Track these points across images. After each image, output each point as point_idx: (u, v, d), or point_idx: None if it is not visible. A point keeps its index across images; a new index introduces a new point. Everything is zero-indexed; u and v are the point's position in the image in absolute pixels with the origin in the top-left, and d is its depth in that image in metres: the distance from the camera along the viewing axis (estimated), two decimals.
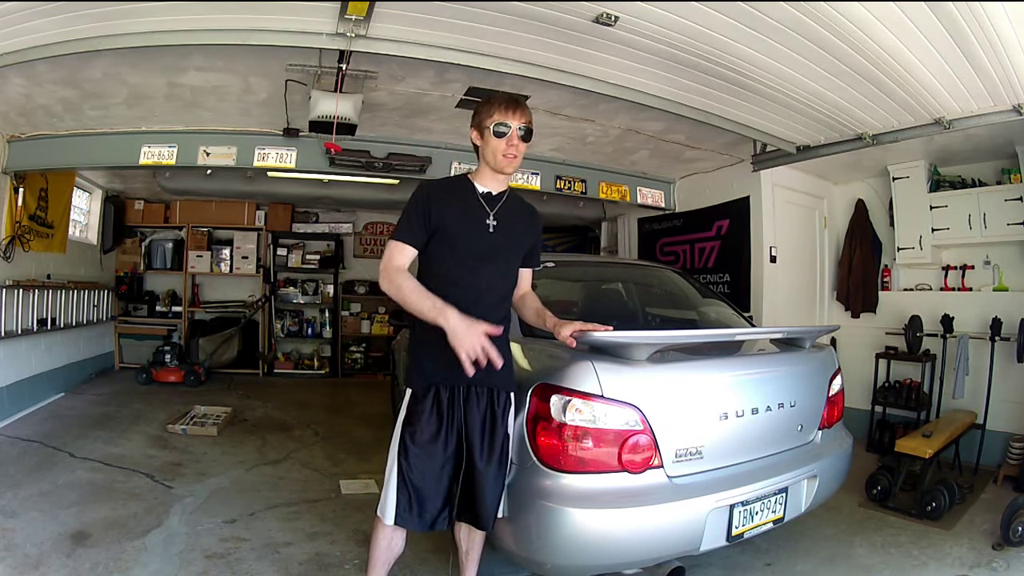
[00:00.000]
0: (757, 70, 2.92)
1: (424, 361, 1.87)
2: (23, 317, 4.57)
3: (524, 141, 1.85)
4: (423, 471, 1.81)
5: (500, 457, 1.86)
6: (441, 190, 1.91)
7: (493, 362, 1.65)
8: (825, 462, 2.32)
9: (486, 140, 1.85)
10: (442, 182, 2.00)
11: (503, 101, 1.85)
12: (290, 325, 7.27)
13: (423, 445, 1.81)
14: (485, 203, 1.89)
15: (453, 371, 1.76)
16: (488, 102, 1.88)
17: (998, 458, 3.67)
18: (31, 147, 4.25)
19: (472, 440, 1.83)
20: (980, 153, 3.99)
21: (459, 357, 1.63)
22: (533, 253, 2.05)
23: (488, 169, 1.90)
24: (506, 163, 1.85)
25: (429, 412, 1.83)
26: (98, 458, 3.62)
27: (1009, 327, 3.74)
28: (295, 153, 4.28)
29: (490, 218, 1.88)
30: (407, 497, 1.81)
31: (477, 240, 1.86)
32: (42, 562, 2.34)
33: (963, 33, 2.38)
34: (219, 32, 2.68)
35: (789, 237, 4.66)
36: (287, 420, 4.89)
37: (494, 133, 1.82)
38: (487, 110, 1.85)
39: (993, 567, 2.49)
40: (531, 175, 4.84)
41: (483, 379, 1.80)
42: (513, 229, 1.93)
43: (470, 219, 1.87)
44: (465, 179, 1.95)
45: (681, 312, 3.13)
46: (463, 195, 1.90)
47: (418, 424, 1.83)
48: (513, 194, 1.98)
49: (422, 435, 1.82)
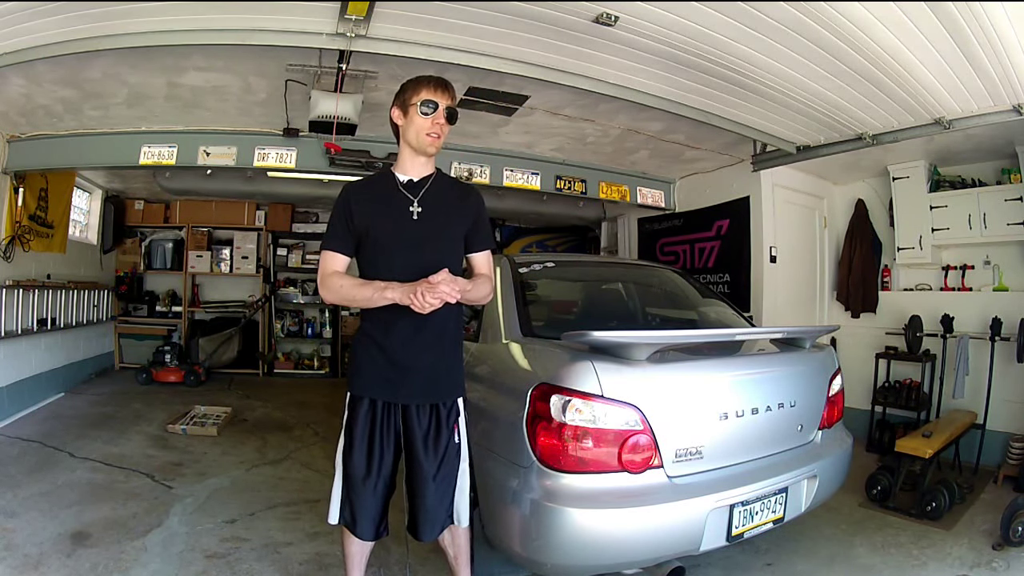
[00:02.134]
0: (757, 70, 2.92)
1: (364, 367, 1.82)
2: (23, 317, 4.57)
3: (449, 123, 1.79)
4: (361, 476, 1.78)
5: (445, 468, 1.81)
6: (360, 188, 1.86)
7: (444, 296, 1.61)
8: (825, 462, 2.32)
9: (410, 118, 1.79)
10: (363, 180, 1.94)
11: (432, 80, 1.79)
12: (290, 325, 7.27)
13: (360, 451, 1.79)
14: (407, 191, 1.81)
15: (392, 387, 1.77)
16: (415, 80, 1.81)
17: (998, 458, 3.67)
18: (31, 147, 4.25)
19: (412, 452, 1.80)
20: (980, 153, 3.99)
21: (414, 308, 1.61)
22: (477, 235, 1.90)
23: (409, 152, 1.83)
24: (429, 142, 1.78)
25: (364, 419, 1.80)
26: (98, 458, 3.62)
27: (1009, 327, 3.74)
28: (295, 153, 4.28)
29: (413, 205, 1.80)
30: (349, 501, 1.80)
31: (401, 231, 1.78)
32: (42, 562, 2.34)
33: (963, 33, 2.38)
34: (219, 32, 2.68)
35: (789, 237, 4.66)
36: (287, 420, 4.89)
37: (420, 111, 1.76)
38: (414, 87, 1.79)
39: (993, 567, 2.49)
40: (531, 175, 4.84)
41: (424, 395, 1.79)
42: (442, 214, 1.83)
43: (391, 211, 1.79)
44: (386, 171, 1.88)
45: (681, 312, 3.12)
46: (383, 188, 1.83)
47: (355, 430, 1.80)
48: (441, 176, 1.89)
49: (360, 441, 1.79)
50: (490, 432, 2.13)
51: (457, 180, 1.96)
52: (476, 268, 1.92)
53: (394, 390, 1.79)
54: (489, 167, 4.69)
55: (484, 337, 2.50)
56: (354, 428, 1.80)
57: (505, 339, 2.36)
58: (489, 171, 4.69)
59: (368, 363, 1.81)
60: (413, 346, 1.78)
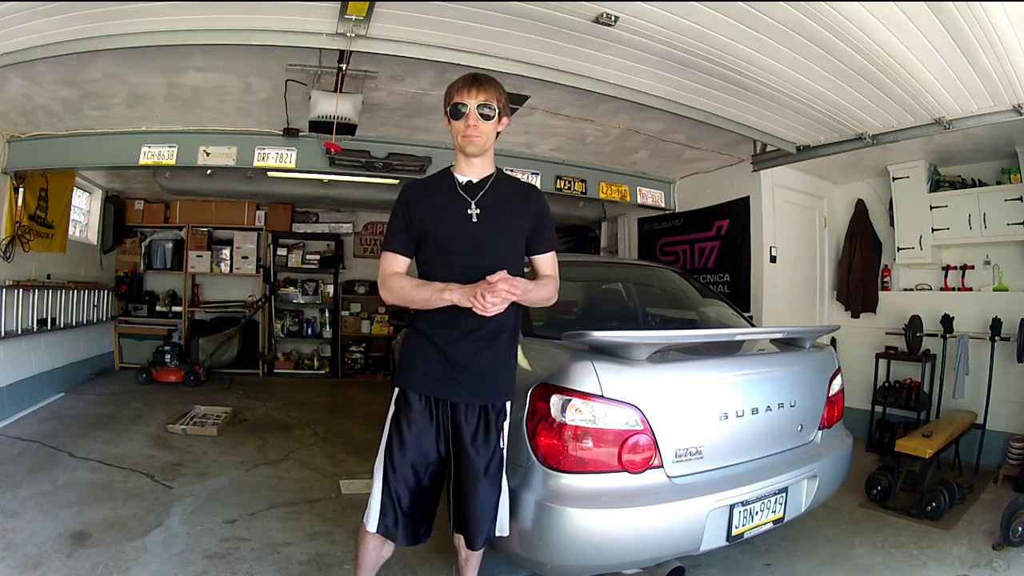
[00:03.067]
0: (757, 70, 2.92)
1: (417, 363, 1.80)
2: (23, 317, 4.57)
3: (486, 120, 1.75)
4: (407, 479, 1.75)
5: (494, 471, 1.79)
6: (420, 189, 1.85)
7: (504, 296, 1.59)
8: (825, 462, 2.33)
9: (451, 124, 1.79)
10: (423, 180, 1.92)
11: (462, 80, 1.77)
12: (290, 325, 7.27)
13: (410, 450, 1.75)
14: (465, 193, 1.80)
15: (445, 384, 1.74)
16: (451, 84, 1.80)
17: (998, 458, 3.67)
18: (31, 147, 4.24)
19: (461, 453, 1.77)
20: (980, 153, 3.99)
21: (476, 310, 1.60)
22: (539, 236, 1.88)
23: (460, 155, 1.82)
24: (466, 143, 1.76)
25: (415, 415, 1.77)
26: (98, 458, 3.62)
27: (1009, 327, 3.74)
28: (295, 153, 4.28)
29: (471, 207, 1.78)
30: (392, 506, 1.75)
31: (460, 233, 1.76)
32: (42, 562, 2.34)
33: (963, 33, 2.38)
34: (219, 32, 2.68)
35: (789, 237, 4.66)
36: (287, 420, 4.89)
37: (452, 114, 1.76)
38: (448, 93, 1.79)
39: (993, 567, 2.49)
40: (531, 175, 4.84)
41: (476, 395, 1.78)
42: (502, 215, 1.81)
43: (450, 213, 1.78)
44: (447, 172, 1.86)
45: (681, 312, 3.13)
46: (442, 189, 1.82)
47: (403, 425, 1.77)
48: (501, 177, 1.87)
49: (410, 436, 1.76)
50: None
51: (518, 180, 1.94)
52: (540, 270, 1.90)
53: (447, 387, 1.76)
54: None
55: None
56: (401, 423, 1.77)
57: None
58: None
59: (422, 360, 1.79)
60: (469, 345, 1.76)
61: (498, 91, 1.78)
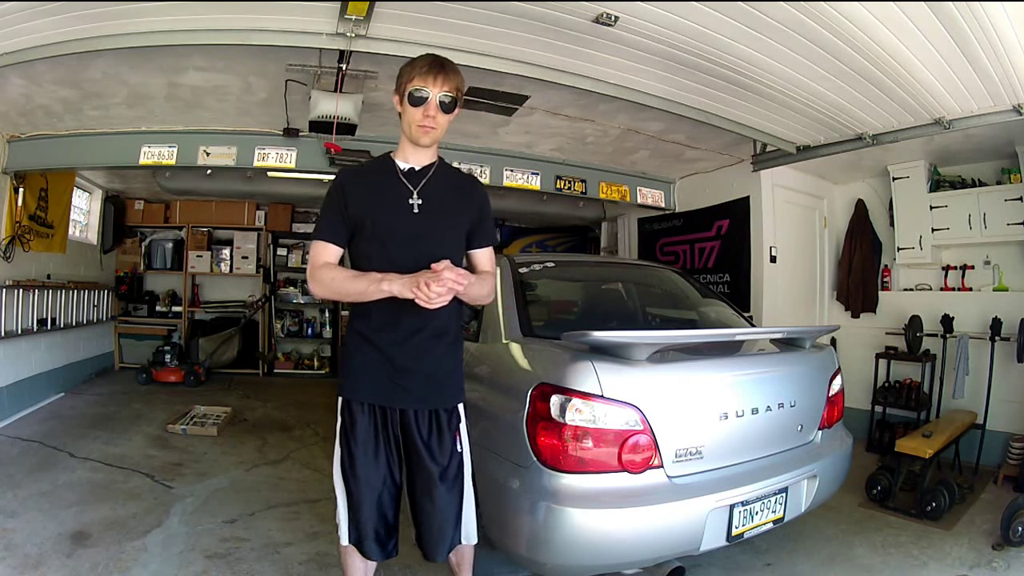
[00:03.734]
0: (757, 70, 2.92)
1: (358, 369, 1.68)
2: (23, 317, 4.57)
3: (446, 112, 1.65)
4: (364, 493, 1.65)
5: (452, 478, 1.70)
6: (357, 174, 1.74)
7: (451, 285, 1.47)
8: (825, 462, 2.32)
9: (405, 108, 1.65)
10: (360, 166, 1.81)
11: (426, 63, 1.63)
12: (290, 325, 7.27)
13: (362, 460, 1.66)
14: (407, 180, 1.69)
15: (390, 390, 1.66)
16: (410, 63, 1.66)
17: (998, 458, 3.67)
18: (31, 147, 4.25)
19: (414, 459, 1.69)
20: (980, 153, 3.99)
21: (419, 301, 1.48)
22: (480, 229, 1.77)
23: (407, 142, 1.70)
24: (420, 133, 1.65)
25: (362, 426, 1.67)
26: (98, 458, 3.62)
27: (1009, 327, 3.74)
28: (295, 153, 4.28)
29: (413, 197, 1.67)
30: (355, 519, 1.67)
31: (399, 224, 1.65)
32: (42, 562, 2.34)
33: (963, 33, 2.38)
34: (219, 32, 2.68)
35: (789, 237, 4.66)
36: (287, 420, 4.89)
37: (410, 100, 1.62)
38: (408, 71, 1.64)
39: (993, 567, 2.49)
40: (531, 175, 4.84)
41: (424, 401, 1.69)
42: (445, 206, 1.70)
43: (389, 201, 1.67)
44: (386, 158, 1.74)
45: (681, 312, 3.12)
46: (381, 175, 1.70)
47: (352, 437, 1.67)
48: (444, 166, 1.77)
49: (360, 449, 1.66)
50: (490, 432, 2.13)
51: (459, 170, 1.85)
52: (479, 265, 1.80)
53: (392, 394, 1.67)
54: (489, 167, 4.69)
55: (484, 337, 2.50)
56: (352, 435, 1.68)
57: (505, 339, 2.36)
58: (489, 171, 4.69)
59: (363, 365, 1.68)
60: (413, 347, 1.67)
61: (461, 80, 1.68)
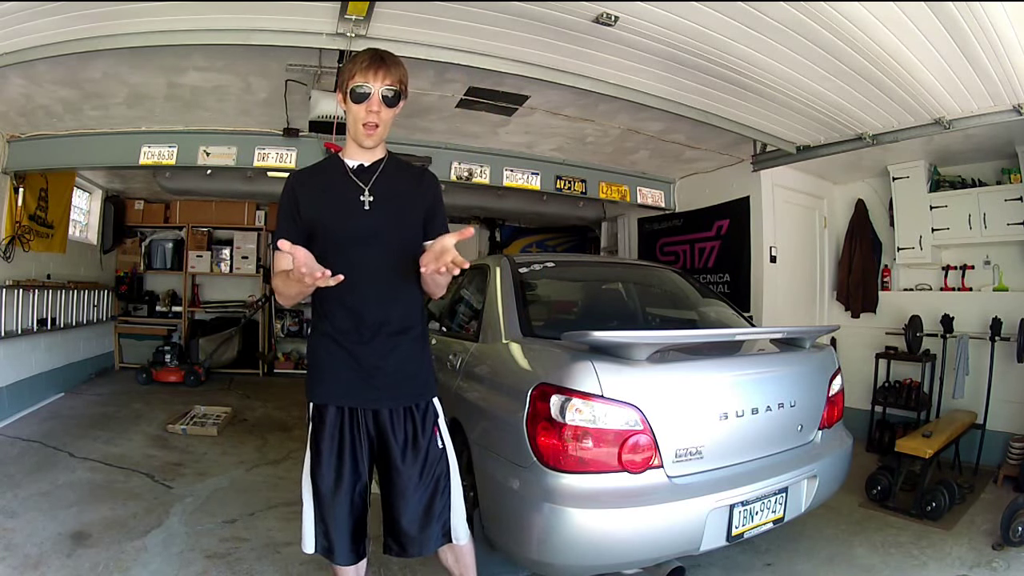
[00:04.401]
0: (757, 70, 2.92)
1: (326, 371, 1.64)
2: (23, 317, 4.57)
3: (390, 106, 1.59)
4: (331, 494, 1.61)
5: (427, 474, 1.65)
6: (307, 176, 1.70)
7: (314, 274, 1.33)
8: (825, 462, 2.32)
9: (348, 107, 1.61)
10: (310, 167, 1.75)
11: (367, 58, 1.57)
12: (290, 325, 7.27)
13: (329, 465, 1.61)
14: (356, 178, 1.64)
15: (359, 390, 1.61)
16: (352, 60, 1.61)
17: (998, 458, 3.67)
18: (31, 147, 4.25)
19: (388, 461, 1.64)
20: (980, 153, 3.99)
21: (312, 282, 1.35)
22: (434, 220, 1.69)
23: (351, 139, 1.66)
24: (364, 134, 1.59)
25: (332, 430, 1.62)
26: (98, 458, 3.62)
27: (1009, 327, 3.74)
28: (295, 153, 4.28)
29: (364, 194, 1.62)
30: (323, 524, 1.62)
31: (350, 223, 1.60)
32: (42, 562, 2.34)
33: (963, 33, 2.38)
34: (219, 32, 2.68)
35: (789, 237, 4.66)
36: (287, 420, 4.89)
37: (352, 97, 1.57)
38: (348, 70, 1.59)
39: (993, 567, 2.49)
40: (531, 175, 4.84)
41: (396, 398, 1.64)
42: (398, 200, 1.66)
43: (340, 200, 1.62)
44: (334, 157, 1.70)
45: (681, 312, 3.12)
46: (331, 175, 1.66)
47: (322, 442, 1.62)
48: (392, 160, 1.71)
49: (329, 455, 1.61)
50: (490, 432, 2.13)
51: (409, 163, 1.80)
52: None
53: (363, 394, 1.62)
54: (489, 167, 4.69)
55: (484, 337, 2.50)
56: (321, 441, 1.62)
57: (505, 339, 2.36)
58: (489, 171, 4.69)
59: (330, 365, 1.64)
60: (378, 344, 1.62)
61: (403, 72, 1.62)
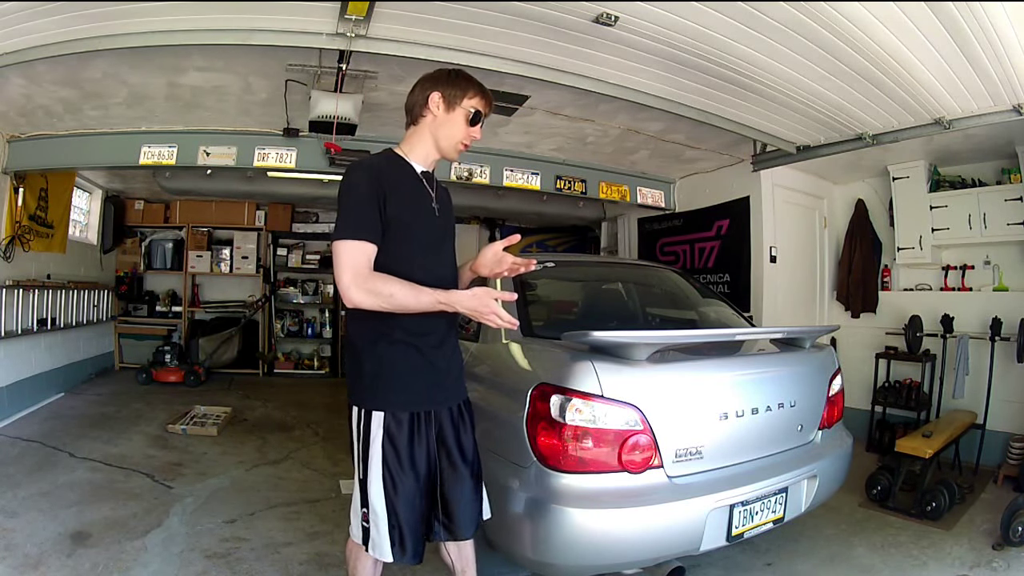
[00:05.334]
0: (757, 70, 2.92)
1: (407, 379, 1.62)
2: (23, 317, 4.57)
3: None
4: (410, 502, 1.61)
5: (475, 464, 1.74)
6: (386, 171, 1.61)
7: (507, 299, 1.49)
8: (825, 462, 2.32)
9: (453, 117, 1.64)
10: (381, 162, 1.66)
11: (481, 87, 1.67)
12: (290, 325, 7.27)
13: (409, 475, 1.61)
14: (427, 184, 1.69)
15: (435, 393, 1.65)
16: (467, 78, 1.66)
17: (998, 458, 3.67)
18: (31, 147, 4.25)
19: (448, 455, 1.68)
20: (980, 153, 3.99)
21: (486, 323, 1.50)
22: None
23: (431, 147, 1.68)
24: (458, 151, 1.69)
25: (407, 438, 1.61)
26: (98, 458, 3.63)
27: (1009, 327, 3.74)
28: (295, 153, 4.28)
29: (434, 201, 1.68)
30: (400, 531, 1.61)
31: (428, 227, 1.64)
32: (42, 562, 2.34)
33: (963, 33, 2.38)
34: (219, 32, 2.68)
35: (789, 237, 4.66)
36: (287, 420, 4.89)
37: (468, 117, 1.64)
38: (467, 86, 1.64)
39: (993, 567, 2.49)
40: (531, 175, 4.84)
41: (456, 396, 1.73)
42: (449, 211, 1.76)
43: (420, 203, 1.65)
44: (397, 157, 1.68)
45: (681, 312, 3.12)
46: (406, 176, 1.66)
47: (403, 451, 1.60)
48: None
49: (407, 463, 1.61)
50: (490, 432, 2.13)
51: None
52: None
53: (434, 397, 1.66)
54: (489, 167, 4.69)
55: (484, 337, 2.50)
56: (396, 451, 1.59)
57: (505, 339, 2.36)
58: (489, 171, 4.69)
59: (410, 373, 1.62)
60: (447, 347, 1.69)
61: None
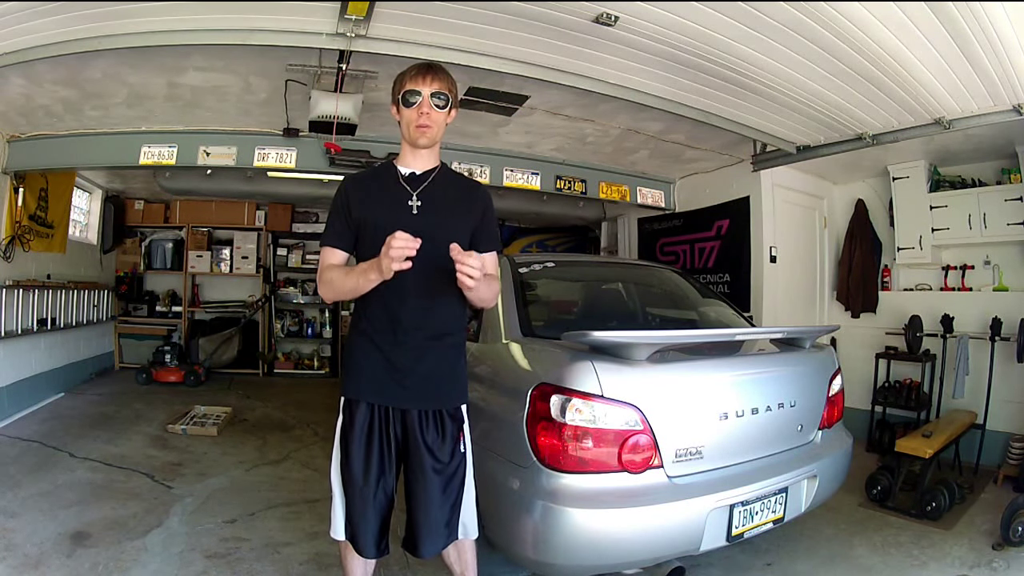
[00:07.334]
0: (757, 70, 2.91)
1: (362, 368, 1.70)
2: (23, 317, 4.57)
3: (440, 109, 1.69)
4: (359, 487, 1.66)
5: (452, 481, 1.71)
6: (360, 180, 1.78)
7: (400, 251, 1.41)
8: (825, 462, 2.32)
9: (400, 112, 1.72)
10: (364, 172, 1.86)
11: (415, 67, 1.71)
12: (290, 325, 7.27)
13: (358, 459, 1.67)
14: (407, 184, 1.72)
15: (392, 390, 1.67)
16: (401, 72, 1.73)
17: (998, 458, 3.67)
18: (31, 147, 4.25)
19: (414, 462, 1.69)
20: (980, 153, 3.99)
21: (401, 268, 1.43)
22: (484, 233, 1.77)
23: (407, 146, 1.75)
24: (419, 134, 1.69)
25: (362, 425, 1.68)
26: (98, 458, 3.62)
27: (1009, 327, 3.74)
28: (295, 153, 4.28)
29: (412, 199, 1.70)
30: (350, 515, 1.68)
31: (398, 224, 1.57)
32: (42, 562, 2.34)
33: (963, 33, 2.38)
34: (219, 32, 2.68)
35: (789, 237, 4.66)
36: (287, 420, 4.89)
37: (404, 102, 1.69)
38: (399, 79, 1.72)
39: (993, 567, 2.49)
40: (531, 175, 4.84)
41: (426, 400, 1.69)
42: (445, 208, 1.72)
43: (390, 204, 1.70)
44: (389, 164, 1.79)
45: (681, 312, 3.12)
46: (384, 181, 1.74)
47: (352, 436, 1.68)
48: (446, 170, 1.80)
49: (357, 449, 1.67)
50: (490, 432, 2.13)
51: (463, 175, 1.89)
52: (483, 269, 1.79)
53: (394, 394, 1.68)
54: (489, 167, 4.69)
55: (484, 337, 2.50)
56: (350, 434, 1.69)
57: (505, 339, 2.36)
58: (489, 171, 4.69)
59: (366, 364, 1.70)
60: (410, 347, 1.68)
61: (451, 81, 1.74)
